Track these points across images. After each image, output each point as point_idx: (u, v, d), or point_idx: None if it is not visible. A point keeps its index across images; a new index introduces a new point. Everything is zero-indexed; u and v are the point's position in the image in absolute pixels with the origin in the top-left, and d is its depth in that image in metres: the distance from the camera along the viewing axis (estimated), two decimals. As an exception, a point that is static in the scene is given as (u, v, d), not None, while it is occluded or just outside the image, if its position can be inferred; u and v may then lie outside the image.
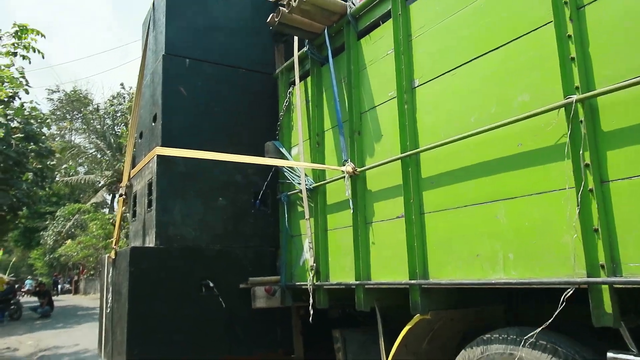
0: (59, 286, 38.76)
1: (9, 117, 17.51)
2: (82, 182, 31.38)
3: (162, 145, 5.41)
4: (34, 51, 12.07)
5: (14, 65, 12.12)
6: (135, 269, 5.00)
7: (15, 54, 11.95)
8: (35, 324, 17.09)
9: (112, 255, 5.47)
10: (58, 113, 34.71)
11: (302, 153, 5.22)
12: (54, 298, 21.55)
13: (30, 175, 18.48)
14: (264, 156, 5.82)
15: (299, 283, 5.22)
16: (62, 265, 43.23)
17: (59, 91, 35.37)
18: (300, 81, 5.40)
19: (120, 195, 5.62)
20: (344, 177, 4.49)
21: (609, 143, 2.66)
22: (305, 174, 5.13)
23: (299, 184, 5.25)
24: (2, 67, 11.88)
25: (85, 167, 37.29)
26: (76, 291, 40.01)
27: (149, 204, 5.59)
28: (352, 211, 4.45)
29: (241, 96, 6.00)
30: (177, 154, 5.35)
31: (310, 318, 4.77)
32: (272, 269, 5.74)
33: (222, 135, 5.76)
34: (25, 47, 11.95)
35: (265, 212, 5.89)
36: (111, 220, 30.15)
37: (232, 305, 5.41)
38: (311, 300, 4.82)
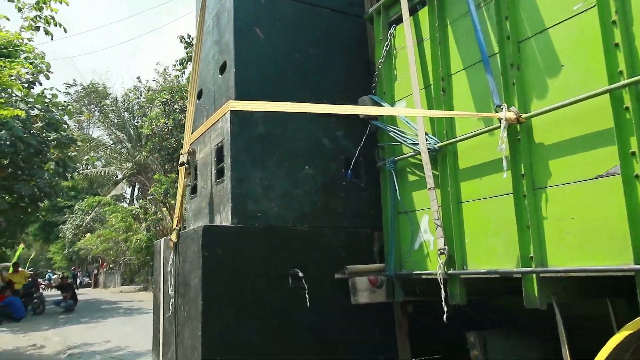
0: (79, 280, 37.80)
1: (29, 105, 16.40)
2: (102, 174, 30.30)
3: (236, 99, 4.19)
4: (55, 24, 10.87)
5: (32, 40, 10.91)
6: (210, 255, 3.79)
7: (37, 28, 10.76)
8: (60, 318, 16.00)
9: (174, 237, 4.26)
10: (76, 106, 33.62)
11: (419, 106, 3.96)
12: (75, 292, 20.48)
13: (52, 164, 17.35)
14: (357, 114, 4.58)
15: (417, 272, 3.98)
16: (81, 259, 42.35)
17: (76, 85, 34.29)
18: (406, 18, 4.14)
19: (181, 165, 4.41)
20: (499, 127, 3.24)
21: None
22: (425, 132, 3.88)
23: (414, 145, 4.01)
24: (25, 41, 10.66)
25: (103, 160, 36.25)
26: (96, 285, 39.07)
27: (219, 174, 4.37)
28: (506, 174, 3.20)
29: (326, 41, 4.75)
30: (257, 107, 4.12)
31: (445, 316, 3.54)
32: (368, 255, 4.51)
33: (305, 88, 4.52)
34: (46, 21, 10.75)
35: (358, 184, 4.65)
36: (133, 212, 29.08)
37: (324, 300, 4.19)
38: (443, 294, 3.57)
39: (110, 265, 37.66)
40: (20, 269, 19.33)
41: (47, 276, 36.76)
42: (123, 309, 18.04)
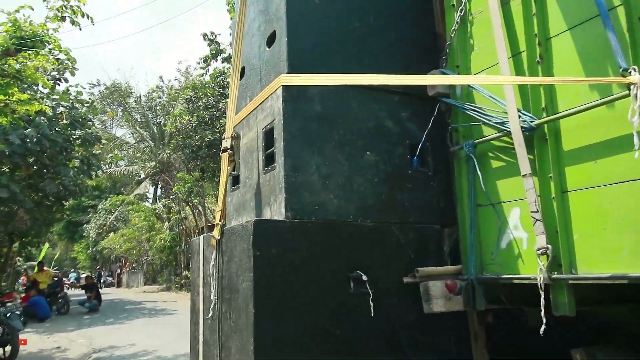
0: (102, 279, 37.74)
1: (55, 102, 16.09)
2: (125, 173, 30.07)
3: (288, 73, 3.58)
4: (82, 15, 10.42)
5: (58, 31, 10.46)
6: (262, 254, 3.18)
7: (63, 19, 10.32)
8: (84, 318, 15.64)
9: (217, 234, 3.66)
10: (99, 106, 33.49)
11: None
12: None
13: (77, 162, 17.01)
14: (424, 92, 3.95)
15: (505, 275, 3.32)
16: (104, 259, 42.36)
17: (99, 85, 34.19)
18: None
19: (224, 151, 3.82)
20: (623, 96, 2.59)
21: None
22: (517, 109, 3.22)
23: (500, 124, 3.36)
24: (51, 32, 10.22)
25: (126, 160, 36.13)
26: (119, 284, 38.98)
27: (268, 161, 3.77)
28: (638, 154, 2.53)
29: (388, 9, 4.12)
30: (313, 81, 3.51)
31: (542, 329, 2.88)
32: (437, 255, 3.87)
33: (364, 63, 3.89)
34: (73, 11, 10.31)
35: (424, 173, 4.01)
36: (156, 211, 28.80)
37: (391, 308, 3.56)
38: (542, 302, 2.91)
39: (133, 265, 37.54)
40: (45, 268, 19.04)
41: (70, 276, 36.73)
42: (147, 310, 17.62)
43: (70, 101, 17.15)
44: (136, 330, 12.40)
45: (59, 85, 16.38)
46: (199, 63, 23.46)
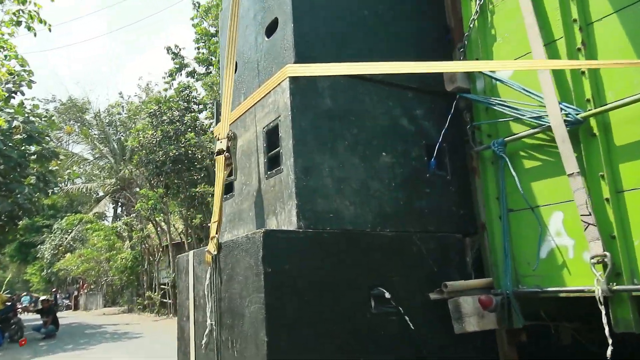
0: (59, 302, 35.72)
1: (9, 116, 15.06)
2: (83, 190, 28.66)
3: (296, 62, 3.11)
4: (40, 22, 9.68)
5: (13, 36, 9.68)
6: (275, 271, 2.67)
7: (19, 23, 9.54)
8: (40, 345, 14.44)
9: (212, 249, 3.12)
10: (55, 122, 31.93)
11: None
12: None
13: (32, 179, 15.92)
14: (439, 88, 3.56)
15: (550, 288, 2.91)
16: (60, 280, 40.18)
17: (55, 101, 32.67)
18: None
19: (219, 153, 3.29)
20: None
21: None
22: (558, 101, 2.86)
23: (536, 119, 2.99)
24: (6, 37, 9.42)
25: (83, 178, 34.53)
26: (76, 307, 36.99)
27: (271, 164, 3.27)
28: None
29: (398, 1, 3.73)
30: (325, 71, 3.06)
31: (608, 353, 2.49)
32: (461, 267, 3.44)
33: (375, 51, 3.46)
34: (30, 16, 9.55)
35: (443, 177, 3.59)
36: (118, 229, 27.45)
37: (417, 329, 3.10)
38: (604, 318, 2.52)
39: (92, 286, 35.73)
40: (-4, 292, 17.64)
41: (23, 299, 34.62)
42: (109, 334, 16.52)
43: (26, 115, 16.13)
44: (99, 358, 11.47)
45: (14, 98, 15.39)
46: (163, 77, 22.71)
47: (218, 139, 3.37)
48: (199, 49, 23.35)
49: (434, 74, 3.53)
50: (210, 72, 23.39)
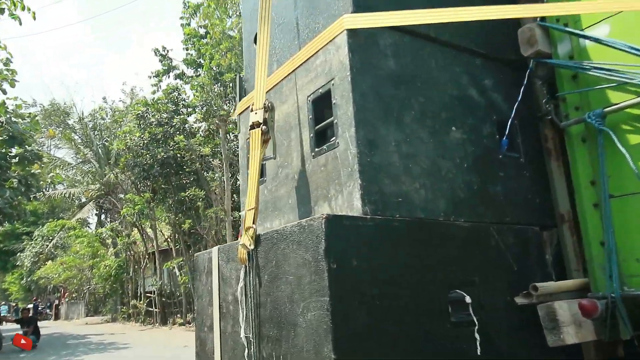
0: (40, 311, 34.32)
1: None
2: (66, 195, 27.56)
3: (355, 11, 2.51)
4: (22, 9, 8.93)
5: None
6: (340, 267, 2.05)
7: (2, 11, 8.79)
8: (21, 357, 13.51)
9: (249, 242, 2.47)
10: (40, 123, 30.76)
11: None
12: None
13: (14, 182, 15.00)
14: (509, 55, 2.99)
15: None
16: (40, 289, 38.73)
17: (35, 105, 31.52)
18: None
19: (254, 127, 2.65)
20: None
21: None
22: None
23: (648, 84, 2.43)
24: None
25: (65, 183, 33.35)
26: (57, 316, 35.60)
27: (319, 138, 2.66)
28: None
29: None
30: (390, 20, 2.47)
31: None
32: (541, 265, 2.86)
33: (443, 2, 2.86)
34: (13, 3, 8.81)
35: (515, 160, 3.01)
36: (103, 234, 26.34)
37: (501, 342, 2.50)
38: None
39: (74, 295, 34.45)
40: (-27, 301, 16.59)
41: (1, 309, 33.23)
42: (94, 344, 15.59)
43: (8, 115, 15.24)
44: (85, 370, 10.64)
45: (-6, 96, 14.53)
46: (150, 77, 21.93)
47: (252, 110, 2.74)
48: (187, 49, 22.65)
49: (503, 39, 2.97)
50: (199, 74, 22.71)
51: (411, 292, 2.27)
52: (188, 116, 20.59)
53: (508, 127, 2.91)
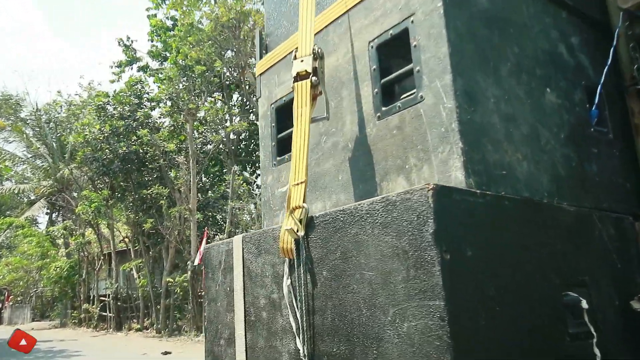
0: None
1: None
2: (15, 192, 25.74)
3: None
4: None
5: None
6: (454, 259, 1.45)
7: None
8: (-42, 367, 12.21)
9: (297, 227, 1.84)
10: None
11: None
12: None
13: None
14: (597, 12, 2.48)
15: None
16: (-19, 292, 36.17)
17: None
18: None
19: (302, 78, 2.01)
20: None
21: None
22: None
23: None
24: None
25: (13, 180, 31.26)
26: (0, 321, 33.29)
27: (387, 94, 2.04)
28: None
29: None
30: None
31: None
32: (637, 261, 2.34)
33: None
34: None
35: (604, 135, 2.49)
36: (54, 232, 24.66)
37: (617, 354, 1.96)
38: None
39: (19, 298, 32.30)
40: None
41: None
42: (42, 352, 14.32)
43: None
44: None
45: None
46: (112, 67, 20.74)
47: (296, 58, 2.10)
48: (152, 41, 21.58)
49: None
50: (165, 67, 21.66)
51: (524, 294, 1.69)
52: (152, 110, 19.52)
53: (597, 95, 2.39)
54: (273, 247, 2.04)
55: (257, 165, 25.18)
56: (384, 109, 2.02)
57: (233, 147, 21.42)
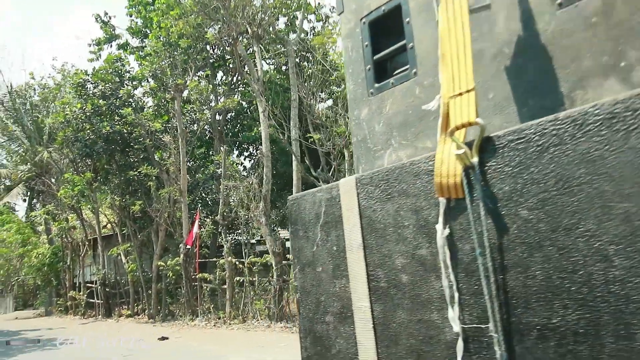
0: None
1: None
2: (-9, 177, 24.53)
3: None
4: None
5: None
6: None
7: None
8: (-59, 361, 11.40)
9: (468, 152, 1.28)
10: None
11: None
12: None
13: None
14: None
15: None
16: (-41, 283, 34.78)
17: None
18: None
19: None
20: None
21: None
22: None
23: None
24: None
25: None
26: (-21, 312, 32.07)
27: None
28: None
29: None
30: None
31: None
32: None
33: None
34: None
35: None
36: (36, 217, 23.55)
37: None
38: None
39: (0, 288, 31.12)
40: None
41: None
42: (31, 341, 13.55)
43: None
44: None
45: None
46: (90, 45, 19.63)
47: None
48: (131, 16, 20.49)
49: None
50: (145, 45, 20.63)
51: None
52: (134, 89, 18.57)
53: None
54: (414, 187, 1.48)
55: (243, 146, 24.38)
56: (575, -8, 1.45)
57: (219, 128, 20.66)
